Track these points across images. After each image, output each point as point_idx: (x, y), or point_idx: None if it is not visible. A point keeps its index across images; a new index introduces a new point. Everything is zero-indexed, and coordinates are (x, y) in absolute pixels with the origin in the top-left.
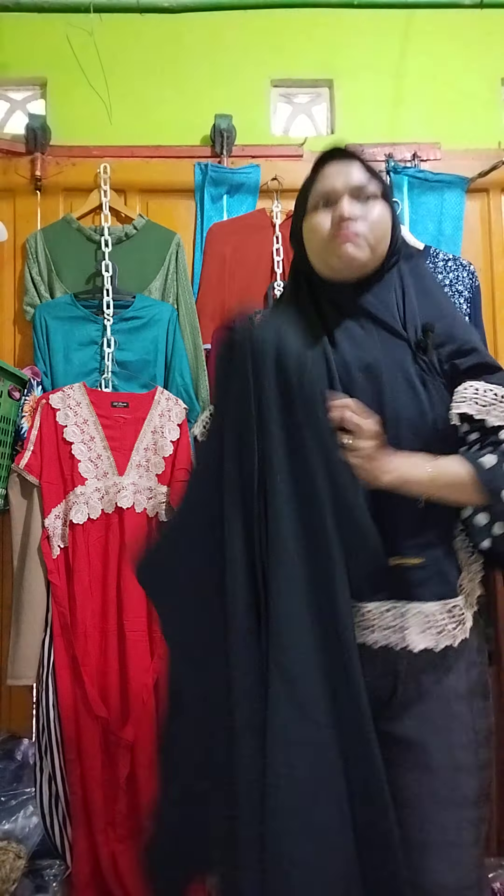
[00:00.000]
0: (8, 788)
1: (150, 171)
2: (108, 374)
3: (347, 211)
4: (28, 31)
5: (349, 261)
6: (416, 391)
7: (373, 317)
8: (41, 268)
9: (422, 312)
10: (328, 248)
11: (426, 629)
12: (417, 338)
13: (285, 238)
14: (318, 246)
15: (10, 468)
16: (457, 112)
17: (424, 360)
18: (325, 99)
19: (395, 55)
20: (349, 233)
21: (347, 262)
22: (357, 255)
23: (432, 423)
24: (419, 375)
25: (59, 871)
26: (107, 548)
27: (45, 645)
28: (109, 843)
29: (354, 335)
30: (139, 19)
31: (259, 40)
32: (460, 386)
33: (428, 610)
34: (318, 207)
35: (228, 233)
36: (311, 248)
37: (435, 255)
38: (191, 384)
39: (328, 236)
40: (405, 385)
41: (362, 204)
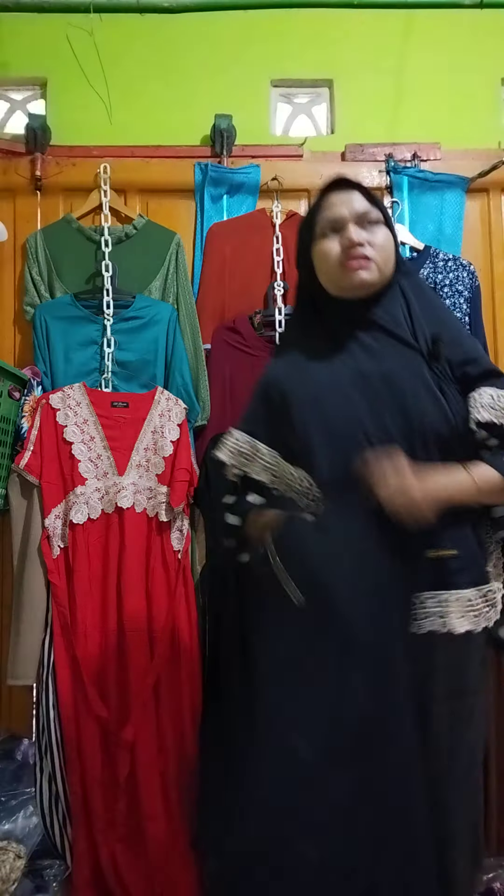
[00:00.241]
0: (8, 788)
1: (150, 171)
2: (108, 374)
3: (356, 237)
4: (28, 31)
5: (361, 283)
6: (437, 398)
7: (385, 329)
8: (41, 268)
9: (427, 323)
10: (340, 272)
11: (465, 613)
12: (429, 347)
13: (285, 238)
14: (331, 270)
15: (10, 468)
16: (457, 112)
17: (438, 368)
18: (325, 99)
19: (395, 55)
20: (360, 258)
21: (360, 284)
22: (368, 278)
23: (452, 426)
24: (436, 383)
25: (59, 871)
26: (107, 548)
27: (45, 645)
28: (109, 843)
29: (369, 347)
30: (139, 19)
31: (259, 40)
32: (475, 392)
33: (466, 596)
34: (326, 234)
35: (228, 233)
36: (322, 271)
37: (435, 255)
38: (191, 384)
39: (339, 261)
40: (426, 392)
41: (367, 230)
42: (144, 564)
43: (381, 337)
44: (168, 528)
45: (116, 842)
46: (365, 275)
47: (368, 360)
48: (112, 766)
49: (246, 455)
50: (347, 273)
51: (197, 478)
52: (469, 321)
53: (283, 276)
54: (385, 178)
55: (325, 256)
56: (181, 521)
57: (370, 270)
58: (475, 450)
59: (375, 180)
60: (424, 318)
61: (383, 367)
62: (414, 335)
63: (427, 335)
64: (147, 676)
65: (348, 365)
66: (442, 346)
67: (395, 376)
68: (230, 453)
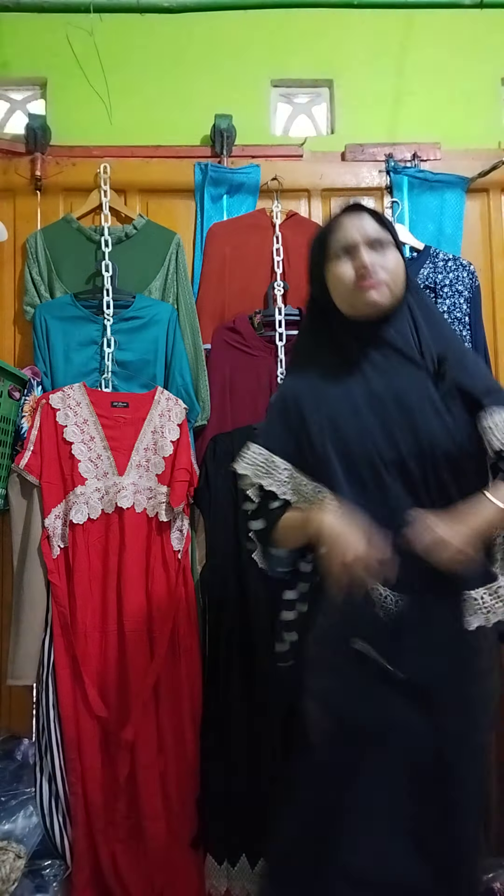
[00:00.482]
0: (8, 788)
1: (150, 171)
2: (108, 374)
3: (368, 261)
4: (28, 31)
5: (374, 305)
6: (443, 417)
7: (395, 348)
8: (41, 268)
9: (434, 342)
10: (354, 294)
11: (477, 611)
12: (435, 367)
13: (285, 238)
14: (345, 292)
15: (10, 468)
16: (457, 112)
17: (444, 387)
18: (325, 99)
19: (395, 55)
20: (372, 281)
21: (372, 306)
22: (380, 300)
23: (459, 444)
24: (442, 401)
25: (59, 871)
26: (107, 548)
27: (45, 645)
28: (109, 843)
29: (380, 366)
30: (139, 19)
31: (259, 40)
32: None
33: (477, 595)
34: (339, 256)
35: (228, 233)
36: (336, 293)
37: (435, 255)
38: (191, 384)
39: (353, 284)
40: (433, 412)
41: (378, 253)
42: (144, 564)
43: (391, 355)
44: (168, 528)
45: (116, 842)
46: (377, 296)
47: (379, 378)
48: (112, 766)
49: (262, 468)
50: (360, 295)
51: (197, 478)
52: (469, 321)
53: (283, 276)
54: (385, 178)
55: (338, 279)
56: (181, 521)
57: (382, 293)
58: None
59: (375, 180)
60: (431, 337)
61: (393, 386)
62: (421, 354)
63: (434, 354)
64: (147, 676)
65: (361, 384)
66: (448, 365)
67: (404, 395)
68: (247, 465)
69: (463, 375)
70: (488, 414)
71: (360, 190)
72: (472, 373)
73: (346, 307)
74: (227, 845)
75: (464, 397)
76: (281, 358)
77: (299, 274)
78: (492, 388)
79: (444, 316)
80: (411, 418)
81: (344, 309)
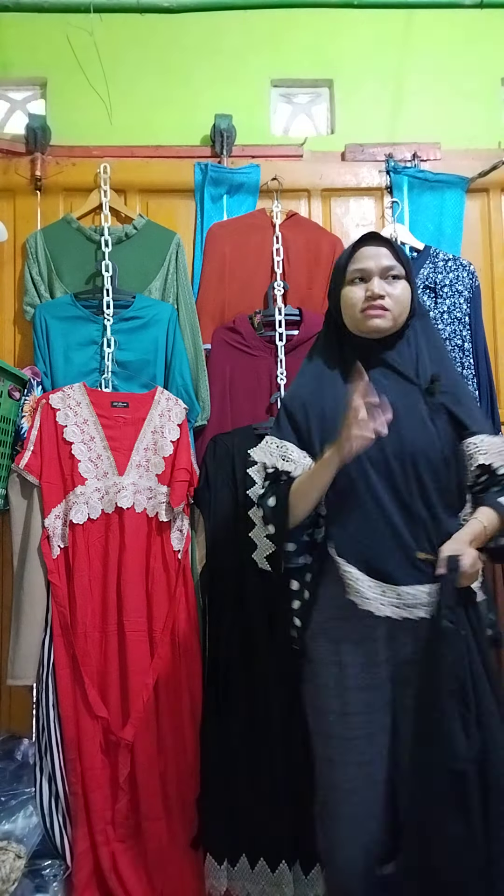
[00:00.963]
0: (8, 788)
1: (150, 171)
2: (108, 374)
3: (378, 290)
4: (28, 31)
5: (376, 329)
6: (427, 428)
7: (393, 367)
8: (41, 268)
9: (431, 364)
10: (361, 317)
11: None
12: (427, 385)
13: (285, 238)
14: (353, 314)
15: (10, 468)
16: (457, 112)
17: (432, 403)
18: (325, 99)
19: (395, 55)
20: (378, 308)
21: (374, 329)
22: (382, 325)
23: (440, 452)
24: (429, 415)
25: (59, 871)
26: (107, 548)
27: (45, 645)
28: (109, 843)
29: (378, 381)
30: (139, 19)
31: (259, 40)
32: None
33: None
34: (354, 282)
35: (228, 233)
36: (346, 314)
37: (435, 255)
38: (191, 384)
39: (361, 308)
40: (419, 423)
41: (389, 283)
42: (144, 564)
43: (389, 374)
44: (168, 528)
45: (116, 842)
46: (380, 322)
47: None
48: (112, 766)
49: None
50: (366, 319)
51: (197, 478)
52: (469, 321)
53: (283, 276)
54: (385, 178)
55: (349, 301)
56: (181, 521)
57: (385, 319)
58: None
59: (375, 180)
60: (429, 359)
61: (387, 399)
62: (417, 373)
63: (428, 374)
64: (147, 676)
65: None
66: (439, 385)
67: (394, 405)
68: (264, 454)
69: (453, 401)
70: (474, 436)
71: (360, 190)
72: (462, 402)
73: (352, 327)
74: (227, 845)
75: (451, 419)
76: (281, 358)
77: (299, 274)
78: (478, 418)
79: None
80: (398, 425)
81: (351, 328)
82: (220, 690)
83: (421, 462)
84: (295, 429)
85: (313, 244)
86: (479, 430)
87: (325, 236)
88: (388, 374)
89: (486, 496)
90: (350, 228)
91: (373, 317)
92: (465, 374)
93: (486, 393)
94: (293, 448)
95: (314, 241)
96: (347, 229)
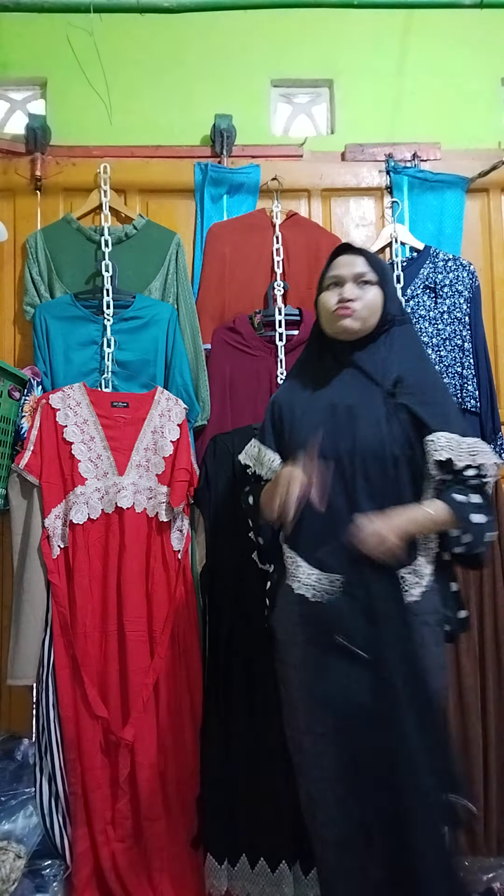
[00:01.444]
0: (8, 788)
1: (150, 171)
2: (108, 374)
3: (348, 294)
4: (28, 31)
5: (344, 330)
6: (381, 427)
7: (361, 369)
8: (41, 268)
9: (403, 368)
10: (332, 319)
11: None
12: (391, 387)
13: (285, 238)
14: (326, 316)
15: (10, 468)
16: (457, 112)
17: (391, 403)
18: (325, 99)
19: (395, 55)
20: (347, 310)
21: (343, 331)
22: (351, 326)
23: (391, 451)
24: (386, 415)
25: (59, 871)
26: (107, 548)
27: (45, 645)
28: (109, 843)
29: (346, 382)
30: (139, 19)
31: (259, 40)
32: (430, 437)
33: (403, 574)
34: (330, 287)
35: (228, 233)
36: (322, 317)
37: (435, 255)
38: (191, 384)
39: (333, 310)
40: (373, 421)
41: (361, 288)
42: (144, 564)
43: (357, 374)
44: (168, 528)
45: (116, 842)
46: (348, 323)
47: (342, 392)
48: (112, 766)
49: (254, 458)
50: (336, 320)
51: (197, 478)
52: (469, 321)
53: (283, 276)
54: (385, 178)
55: (324, 305)
56: (181, 521)
57: (354, 320)
58: (410, 468)
59: (375, 180)
60: (398, 362)
61: (349, 399)
62: (383, 375)
63: (392, 376)
64: (147, 676)
65: (328, 395)
66: (401, 387)
67: (355, 407)
68: (245, 455)
69: (417, 402)
70: (432, 434)
71: (361, 190)
72: (429, 402)
73: (327, 329)
74: (227, 845)
75: (414, 420)
76: (281, 358)
77: (299, 274)
78: (443, 418)
79: (446, 316)
80: (355, 425)
81: (326, 331)
82: (220, 690)
83: (369, 460)
84: (274, 432)
85: (313, 244)
86: (440, 428)
87: (325, 236)
88: (357, 374)
89: (445, 491)
90: (350, 228)
91: (342, 317)
92: (464, 374)
93: (486, 393)
94: (266, 452)
95: (314, 241)
96: (347, 229)
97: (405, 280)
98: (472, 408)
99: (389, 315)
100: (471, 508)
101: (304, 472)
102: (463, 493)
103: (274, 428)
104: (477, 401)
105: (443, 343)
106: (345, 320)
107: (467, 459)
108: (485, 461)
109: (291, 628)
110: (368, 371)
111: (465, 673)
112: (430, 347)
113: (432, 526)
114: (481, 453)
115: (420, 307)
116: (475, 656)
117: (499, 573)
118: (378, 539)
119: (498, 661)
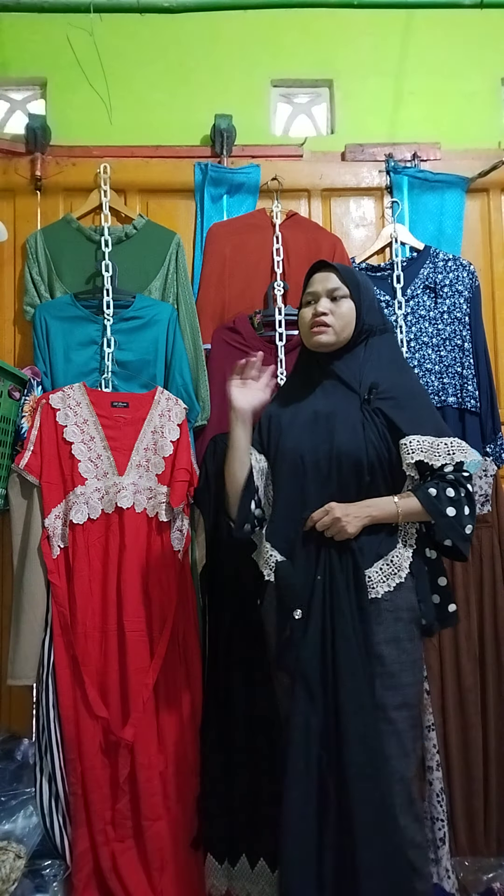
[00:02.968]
0: (8, 788)
1: (150, 171)
2: (108, 374)
3: (321, 308)
4: (28, 31)
5: (319, 344)
6: (356, 432)
7: (339, 378)
8: (41, 268)
9: (379, 374)
10: (309, 334)
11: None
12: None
13: (285, 238)
14: (304, 331)
15: (10, 468)
16: (457, 112)
17: (367, 409)
18: (325, 99)
19: (395, 55)
20: (321, 325)
21: (320, 345)
22: (325, 340)
23: (366, 454)
24: (361, 421)
25: (59, 871)
26: (107, 548)
27: (45, 645)
28: (109, 843)
29: (327, 391)
30: (139, 19)
31: (259, 40)
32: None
33: (370, 572)
34: (308, 303)
35: (228, 233)
36: (301, 332)
37: (435, 255)
38: (191, 384)
39: (309, 325)
40: (350, 427)
41: (334, 302)
42: (144, 564)
43: (336, 383)
44: (168, 528)
45: (116, 842)
46: (323, 338)
47: (322, 401)
48: (112, 766)
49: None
50: (311, 336)
51: (197, 478)
52: (469, 321)
53: (283, 276)
54: (385, 178)
55: (303, 321)
56: (181, 521)
57: (328, 335)
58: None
59: (375, 180)
60: (374, 370)
61: (329, 407)
62: (359, 383)
63: (368, 383)
64: (147, 676)
65: (310, 403)
66: (376, 393)
67: (334, 414)
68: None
69: (392, 407)
70: (405, 437)
71: (361, 190)
72: (405, 406)
73: (306, 343)
74: (227, 845)
75: (390, 424)
76: (281, 358)
77: (299, 274)
78: (417, 421)
79: (446, 316)
80: (332, 432)
81: (306, 344)
82: (220, 690)
83: (345, 463)
84: (260, 434)
85: (313, 244)
86: (412, 431)
87: (325, 236)
88: (337, 384)
89: (422, 485)
90: (350, 228)
91: (316, 334)
92: (464, 374)
93: (486, 393)
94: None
95: (314, 241)
96: (347, 229)
97: (405, 280)
98: (472, 408)
99: (366, 325)
100: (446, 502)
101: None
102: (437, 488)
103: (260, 433)
104: (477, 401)
105: (443, 343)
106: (320, 336)
107: (444, 458)
108: (463, 458)
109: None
110: (346, 379)
111: (465, 673)
112: (430, 347)
113: (399, 514)
114: (459, 451)
115: (420, 307)
116: (475, 656)
117: (499, 573)
118: (329, 515)
119: (498, 661)
